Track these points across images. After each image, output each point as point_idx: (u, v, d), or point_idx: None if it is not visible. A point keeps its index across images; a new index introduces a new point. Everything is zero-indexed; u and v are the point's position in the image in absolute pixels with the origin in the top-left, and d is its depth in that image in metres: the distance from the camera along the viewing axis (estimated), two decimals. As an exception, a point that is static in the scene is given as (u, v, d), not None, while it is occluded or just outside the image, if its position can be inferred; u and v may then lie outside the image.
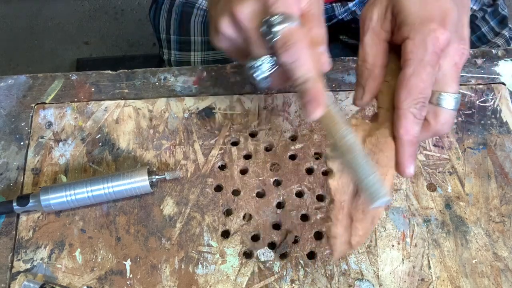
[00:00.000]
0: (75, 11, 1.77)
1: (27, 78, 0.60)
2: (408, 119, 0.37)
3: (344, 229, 0.40)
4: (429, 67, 0.37)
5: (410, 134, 0.37)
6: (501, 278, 0.47)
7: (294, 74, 0.38)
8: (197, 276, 0.48)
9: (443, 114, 0.39)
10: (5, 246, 0.50)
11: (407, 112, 0.37)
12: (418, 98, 0.37)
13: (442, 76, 0.39)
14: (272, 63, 0.40)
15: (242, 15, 0.39)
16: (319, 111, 0.37)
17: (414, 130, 0.37)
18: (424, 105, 0.38)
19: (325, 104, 0.37)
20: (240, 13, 0.39)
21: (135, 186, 0.50)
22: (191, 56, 0.75)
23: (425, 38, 0.37)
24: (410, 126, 0.37)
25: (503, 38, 0.73)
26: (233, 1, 0.39)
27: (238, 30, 0.40)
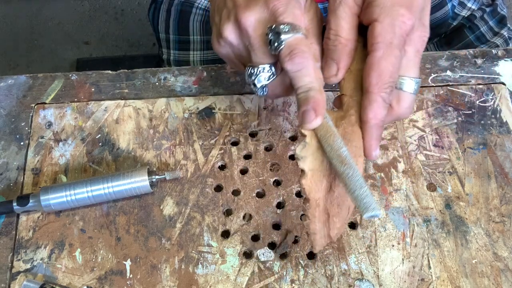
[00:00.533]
0: (75, 11, 1.77)
1: (27, 78, 0.60)
2: (378, 103, 0.37)
3: (322, 224, 0.40)
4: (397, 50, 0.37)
5: (378, 118, 0.38)
6: (501, 278, 0.47)
7: (298, 82, 0.38)
8: (197, 276, 0.48)
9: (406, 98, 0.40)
10: (5, 246, 0.50)
11: (377, 96, 0.37)
12: (388, 82, 0.37)
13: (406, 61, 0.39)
14: (271, 72, 0.40)
15: (248, 22, 0.39)
16: (318, 120, 0.38)
17: (382, 114, 0.38)
18: (392, 89, 0.38)
19: (324, 115, 0.38)
20: (245, 20, 0.39)
21: (135, 186, 0.50)
22: (190, 55, 0.75)
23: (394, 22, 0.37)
24: (378, 110, 0.37)
25: (502, 38, 0.73)
26: (239, 7, 0.40)
27: (241, 36, 0.40)
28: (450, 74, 0.59)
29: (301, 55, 0.38)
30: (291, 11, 0.39)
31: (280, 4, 0.39)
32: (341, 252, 0.49)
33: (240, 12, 0.39)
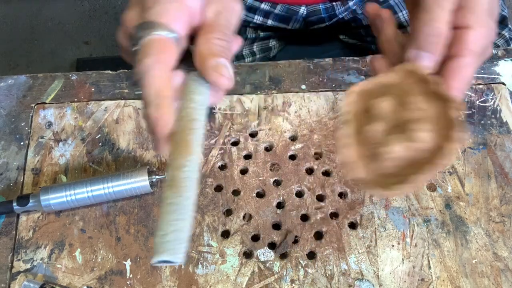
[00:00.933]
0: (75, 11, 1.77)
1: (27, 78, 0.60)
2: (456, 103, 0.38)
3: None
4: (479, 61, 0.38)
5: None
6: (501, 278, 0.47)
7: (144, 91, 0.33)
8: (197, 276, 0.48)
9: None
10: (5, 246, 0.50)
11: (455, 98, 0.38)
12: (466, 87, 0.38)
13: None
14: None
15: (124, 19, 0.37)
16: (163, 147, 0.34)
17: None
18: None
19: (167, 133, 0.33)
20: (124, 17, 0.37)
21: (135, 186, 0.50)
22: None
23: (486, 34, 0.38)
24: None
25: (503, 39, 0.73)
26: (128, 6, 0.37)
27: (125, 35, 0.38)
28: (450, 74, 0.58)
29: (147, 57, 0.33)
30: (162, 5, 0.34)
31: (152, 2, 0.35)
32: (341, 252, 0.49)
33: (125, 11, 0.37)
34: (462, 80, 0.38)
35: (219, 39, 0.36)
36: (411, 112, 0.37)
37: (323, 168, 0.53)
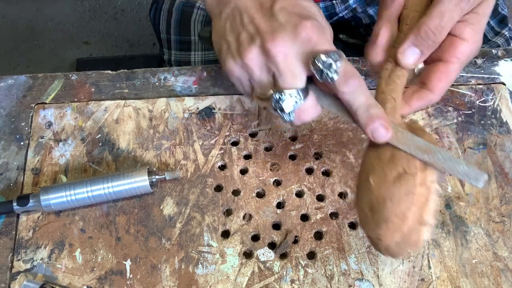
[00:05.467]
0: (75, 11, 1.77)
1: (27, 78, 0.60)
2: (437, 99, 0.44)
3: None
4: (462, 68, 0.44)
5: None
6: (501, 278, 0.47)
7: (355, 102, 0.40)
8: (197, 276, 0.48)
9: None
10: (5, 246, 0.50)
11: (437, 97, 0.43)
12: (447, 88, 0.44)
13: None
14: (298, 97, 0.41)
15: (277, 50, 0.39)
16: (389, 133, 0.40)
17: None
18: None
19: (391, 124, 0.40)
20: (274, 48, 0.39)
21: (135, 186, 0.50)
22: (192, 56, 0.75)
23: (475, 47, 0.43)
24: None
25: (503, 38, 0.73)
26: (265, 34, 0.40)
27: (268, 63, 0.40)
28: (450, 74, 0.58)
29: (354, 76, 0.39)
30: (324, 37, 0.40)
31: (312, 32, 0.39)
32: (341, 252, 0.49)
33: (268, 40, 0.40)
34: (446, 83, 0.43)
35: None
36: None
37: (323, 168, 0.53)
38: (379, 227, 0.39)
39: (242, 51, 0.41)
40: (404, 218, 0.38)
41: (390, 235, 0.38)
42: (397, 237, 0.38)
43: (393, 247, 0.39)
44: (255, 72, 0.42)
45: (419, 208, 0.38)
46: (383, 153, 0.40)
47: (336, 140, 0.55)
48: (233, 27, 0.43)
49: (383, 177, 0.39)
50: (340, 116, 0.43)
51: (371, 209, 0.40)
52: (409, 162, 0.39)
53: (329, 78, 0.39)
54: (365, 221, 0.41)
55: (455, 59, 0.42)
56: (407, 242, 0.39)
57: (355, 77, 0.40)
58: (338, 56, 0.39)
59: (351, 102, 0.40)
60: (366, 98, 0.40)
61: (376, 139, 0.40)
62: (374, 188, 0.39)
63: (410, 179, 0.38)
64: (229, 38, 0.43)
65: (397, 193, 0.38)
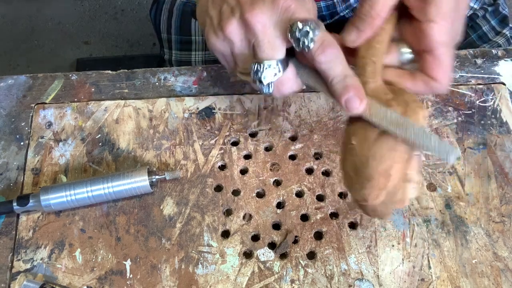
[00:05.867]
0: (75, 11, 1.77)
1: (27, 78, 0.60)
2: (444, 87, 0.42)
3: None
4: (452, 50, 0.41)
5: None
6: (501, 278, 0.47)
7: (332, 72, 0.39)
8: (197, 276, 0.48)
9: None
10: (5, 246, 0.50)
11: (444, 89, 0.42)
12: (450, 73, 0.42)
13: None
14: (278, 69, 0.40)
15: (255, 20, 0.39)
16: (363, 104, 0.39)
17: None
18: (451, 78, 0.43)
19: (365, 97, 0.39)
20: (253, 18, 0.39)
21: (135, 186, 0.50)
22: (192, 55, 0.75)
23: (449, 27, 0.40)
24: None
25: (504, 37, 0.73)
26: (244, 5, 0.40)
27: (247, 34, 0.40)
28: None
29: (331, 46, 0.39)
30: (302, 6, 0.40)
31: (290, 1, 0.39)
32: (341, 252, 0.49)
33: (246, 10, 0.40)
34: (443, 69, 0.41)
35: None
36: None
37: (323, 168, 0.53)
38: (364, 187, 0.39)
39: (223, 24, 0.41)
40: (388, 175, 0.38)
41: (375, 194, 0.39)
42: (382, 196, 0.39)
43: (379, 207, 0.39)
44: (235, 44, 0.42)
45: (402, 165, 0.38)
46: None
47: (336, 140, 0.55)
48: (215, 1, 0.43)
49: (364, 137, 0.39)
50: (318, 89, 0.42)
51: (355, 170, 0.40)
52: None
53: (305, 47, 0.39)
54: (351, 184, 0.41)
55: (435, 44, 0.41)
56: (392, 200, 0.39)
57: (332, 46, 0.39)
58: (316, 25, 0.38)
59: (328, 72, 0.40)
60: (343, 68, 0.39)
61: (349, 110, 0.39)
62: (357, 148, 0.39)
63: (391, 137, 0.38)
64: (211, 12, 0.43)
65: (379, 151, 0.38)
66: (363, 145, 0.39)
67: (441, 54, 0.41)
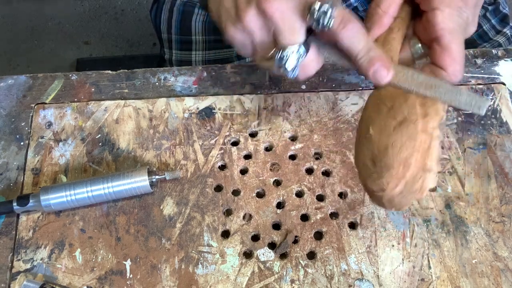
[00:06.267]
0: (75, 11, 1.77)
1: (27, 78, 0.60)
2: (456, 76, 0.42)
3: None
4: (461, 36, 0.42)
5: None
6: (501, 278, 0.47)
7: (356, 47, 0.40)
8: (197, 276, 0.48)
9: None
10: (5, 246, 0.50)
11: (454, 78, 0.42)
12: (461, 62, 0.42)
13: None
14: (300, 53, 0.41)
15: (273, 8, 0.39)
16: (391, 73, 0.40)
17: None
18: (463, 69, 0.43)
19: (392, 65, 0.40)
20: (270, 6, 0.39)
21: (135, 186, 0.50)
22: (193, 55, 0.75)
23: (453, 12, 0.41)
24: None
25: (505, 36, 0.73)
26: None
27: (266, 23, 0.41)
28: (450, 74, 0.58)
29: (351, 21, 0.39)
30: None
31: None
32: (341, 252, 0.49)
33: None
34: (451, 57, 0.41)
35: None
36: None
37: (323, 168, 0.53)
38: (382, 176, 0.38)
39: (241, 15, 0.41)
40: (407, 164, 0.38)
41: (394, 183, 0.38)
42: (401, 185, 0.38)
43: (397, 197, 0.39)
44: (255, 33, 0.42)
45: (421, 155, 0.38)
46: (382, 105, 0.40)
47: (336, 140, 0.55)
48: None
49: (383, 126, 0.39)
50: (342, 64, 0.43)
51: (373, 159, 0.39)
52: (410, 110, 0.39)
53: (326, 26, 0.39)
54: (367, 174, 0.40)
55: (440, 32, 0.41)
56: (411, 190, 0.38)
57: (352, 21, 0.39)
58: (333, 3, 0.39)
59: (351, 47, 0.40)
60: (365, 42, 0.40)
61: (378, 80, 0.40)
62: (374, 137, 0.39)
63: (411, 126, 0.38)
64: (227, 4, 0.43)
65: (399, 140, 0.38)
66: (382, 134, 0.39)
67: (448, 41, 0.41)
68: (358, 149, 0.42)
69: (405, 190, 0.38)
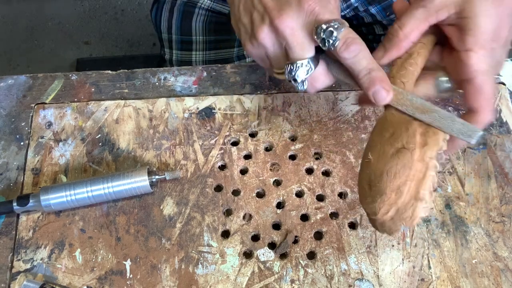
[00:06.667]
0: (75, 11, 1.77)
1: (27, 78, 0.60)
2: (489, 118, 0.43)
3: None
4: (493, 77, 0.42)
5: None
6: (501, 278, 0.47)
7: (357, 67, 0.42)
8: (197, 276, 0.48)
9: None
10: (5, 246, 0.50)
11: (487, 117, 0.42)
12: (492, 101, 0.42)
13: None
14: (309, 66, 0.43)
15: (284, 25, 0.42)
16: (390, 94, 0.41)
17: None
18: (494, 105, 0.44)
19: (391, 87, 0.41)
20: (282, 23, 0.42)
21: (135, 186, 0.50)
22: (193, 55, 0.75)
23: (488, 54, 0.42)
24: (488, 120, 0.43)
25: None
26: (272, 11, 0.43)
27: (278, 38, 0.43)
28: (450, 74, 0.59)
29: (355, 42, 0.41)
30: (326, 7, 0.42)
31: (314, 4, 0.42)
32: (341, 252, 0.49)
33: (275, 16, 0.42)
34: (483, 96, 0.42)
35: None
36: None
37: (323, 168, 0.53)
38: (375, 201, 0.40)
39: (255, 32, 0.44)
40: (399, 192, 0.39)
41: (385, 209, 0.39)
42: (392, 212, 0.39)
43: (388, 222, 0.40)
44: (269, 49, 0.44)
45: (415, 184, 0.39)
46: (385, 131, 0.41)
47: (336, 140, 0.55)
48: (245, 9, 0.45)
49: (382, 152, 0.40)
50: (348, 82, 0.44)
51: (369, 183, 0.40)
52: (409, 139, 0.40)
53: (331, 45, 0.41)
54: (364, 196, 0.42)
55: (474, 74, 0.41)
56: (401, 217, 0.39)
57: (356, 43, 0.41)
58: (340, 24, 0.41)
59: (353, 66, 0.42)
60: (367, 62, 0.41)
61: (377, 101, 0.41)
62: (373, 162, 0.40)
63: (407, 154, 0.39)
64: (244, 20, 0.46)
65: (394, 167, 0.39)
66: (379, 160, 0.40)
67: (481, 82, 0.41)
68: (360, 171, 0.44)
69: (396, 216, 0.39)
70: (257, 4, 0.44)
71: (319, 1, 0.42)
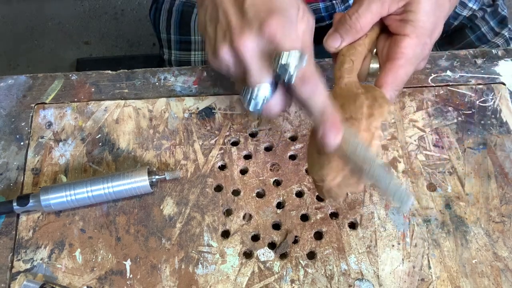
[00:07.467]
0: (75, 11, 1.77)
1: (27, 78, 0.60)
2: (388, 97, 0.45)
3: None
4: (412, 67, 0.46)
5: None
6: (501, 278, 0.47)
7: (312, 105, 0.40)
8: (197, 276, 0.48)
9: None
10: (5, 246, 0.50)
11: (388, 93, 0.45)
12: (399, 86, 0.46)
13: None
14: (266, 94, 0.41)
15: (244, 48, 0.40)
16: (339, 136, 0.40)
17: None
18: (399, 92, 0.47)
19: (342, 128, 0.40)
20: (241, 46, 0.40)
21: (135, 186, 0.50)
22: (192, 55, 0.75)
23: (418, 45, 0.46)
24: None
25: (503, 38, 0.73)
26: (234, 30, 0.41)
27: (237, 60, 0.41)
28: (450, 74, 0.59)
29: (311, 79, 0.40)
30: (288, 35, 0.40)
31: (276, 29, 0.39)
32: (341, 252, 0.49)
33: (235, 37, 0.40)
34: (394, 78, 0.45)
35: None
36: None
37: (323, 168, 0.53)
38: (323, 168, 0.41)
39: (217, 48, 0.42)
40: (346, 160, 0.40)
41: (332, 175, 0.41)
42: (339, 178, 0.41)
43: (335, 188, 0.42)
44: (230, 68, 0.43)
45: None
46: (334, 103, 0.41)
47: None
48: (211, 19, 0.44)
49: None
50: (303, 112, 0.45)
51: (318, 151, 0.42)
52: (357, 109, 0.42)
53: (286, 80, 0.39)
54: (312, 164, 0.44)
55: (399, 55, 0.45)
56: (347, 183, 0.41)
57: (311, 80, 0.40)
58: (299, 57, 0.39)
59: (307, 103, 0.41)
60: (321, 102, 0.40)
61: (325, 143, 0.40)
62: None
63: (354, 124, 0.41)
64: (209, 30, 0.44)
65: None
66: None
67: (400, 64, 0.45)
68: (309, 140, 0.46)
69: (342, 182, 0.41)
70: (221, 18, 0.42)
71: (282, 26, 0.40)
